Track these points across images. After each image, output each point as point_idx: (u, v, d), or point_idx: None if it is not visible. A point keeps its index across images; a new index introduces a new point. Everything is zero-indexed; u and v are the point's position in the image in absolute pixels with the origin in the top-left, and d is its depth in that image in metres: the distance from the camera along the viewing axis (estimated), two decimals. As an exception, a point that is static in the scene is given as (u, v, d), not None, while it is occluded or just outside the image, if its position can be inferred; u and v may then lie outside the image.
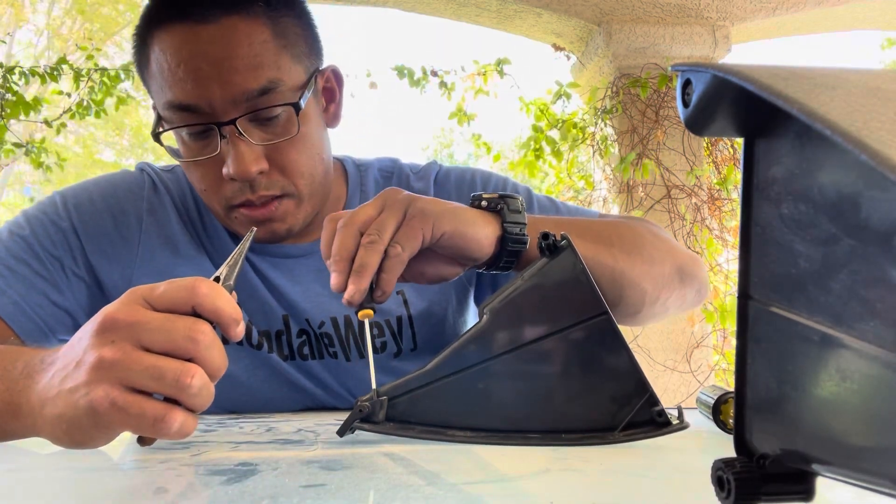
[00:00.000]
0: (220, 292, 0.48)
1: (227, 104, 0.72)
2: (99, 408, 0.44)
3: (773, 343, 0.29)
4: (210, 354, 0.46)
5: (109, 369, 0.44)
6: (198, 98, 0.72)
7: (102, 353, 0.44)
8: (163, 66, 0.73)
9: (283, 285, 0.85)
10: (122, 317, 0.46)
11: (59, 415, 0.46)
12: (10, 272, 0.76)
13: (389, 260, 0.58)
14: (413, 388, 0.54)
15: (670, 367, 2.69)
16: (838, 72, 0.25)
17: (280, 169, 0.76)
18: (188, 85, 0.71)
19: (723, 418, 0.62)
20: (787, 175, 0.28)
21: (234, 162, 0.72)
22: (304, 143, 0.77)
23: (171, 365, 0.44)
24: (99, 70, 3.20)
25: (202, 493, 0.40)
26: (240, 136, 0.72)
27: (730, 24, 2.85)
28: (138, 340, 0.45)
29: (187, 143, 0.76)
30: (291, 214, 0.78)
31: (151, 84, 0.76)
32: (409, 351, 0.87)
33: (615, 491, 0.42)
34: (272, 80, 0.73)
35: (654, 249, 0.77)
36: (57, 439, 0.49)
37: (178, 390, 0.44)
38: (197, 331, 0.45)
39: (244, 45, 0.72)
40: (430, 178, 0.93)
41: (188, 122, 0.73)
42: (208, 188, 0.77)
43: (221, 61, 0.71)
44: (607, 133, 2.89)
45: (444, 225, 0.61)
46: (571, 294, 0.56)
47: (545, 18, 2.88)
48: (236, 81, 0.71)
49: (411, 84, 3.23)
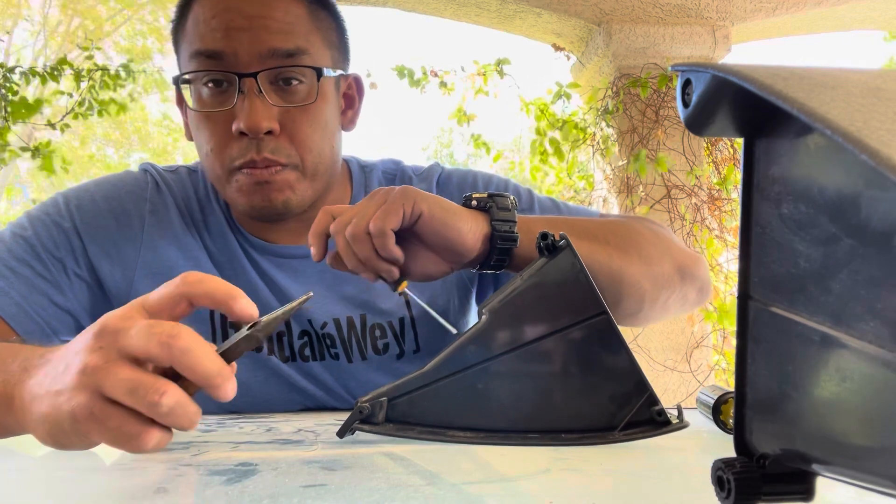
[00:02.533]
0: (209, 277, 0.45)
1: (252, 58, 0.74)
2: (79, 416, 0.42)
3: (773, 343, 0.29)
4: (188, 360, 0.41)
5: (91, 375, 0.42)
6: (225, 46, 0.73)
7: (89, 359, 0.43)
8: (198, 18, 0.75)
9: (286, 285, 0.85)
10: (111, 323, 0.44)
11: (45, 414, 0.45)
12: (12, 273, 0.76)
13: (376, 239, 0.63)
14: (412, 389, 0.54)
15: (670, 366, 2.69)
16: (838, 72, 0.25)
17: (290, 136, 0.77)
18: (218, 34, 0.74)
19: (723, 418, 0.62)
20: (787, 175, 0.28)
21: (247, 114, 0.73)
22: (317, 119, 0.78)
23: (145, 380, 0.41)
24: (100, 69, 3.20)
25: (202, 493, 0.40)
26: (258, 93, 0.74)
27: (730, 24, 2.85)
28: (122, 348, 0.43)
29: (203, 97, 0.76)
30: (290, 187, 0.78)
31: (182, 45, 0.78)
32: (411, 352, 0.87)
33: (615, 491, 0.42)
34: (301, 47, 0.75)
35: (652, 248, 0.77)
36: (42, 439, 0.47)
37: (149, 408, 0.41)
38: (171, 335, 0.41)
39: (281, 10, 0.75)
40: (432, 180, 0.93)
41: (210, 68, 0.75)
42: (215, 147, 0.77)
43: (256, 18, 0.73)
44: (608, 133, 2.89)
45: (423, 205, 0.64)
46: (570, 294, 0.56)
47: (545, 18, 2.88)
48: (266, 38, 0.74)
49: (411, 84, 3.23)
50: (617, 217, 0.86)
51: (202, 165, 0.85)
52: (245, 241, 0.86)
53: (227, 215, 0.86)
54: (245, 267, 0.84)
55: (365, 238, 0.63)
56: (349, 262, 0.65)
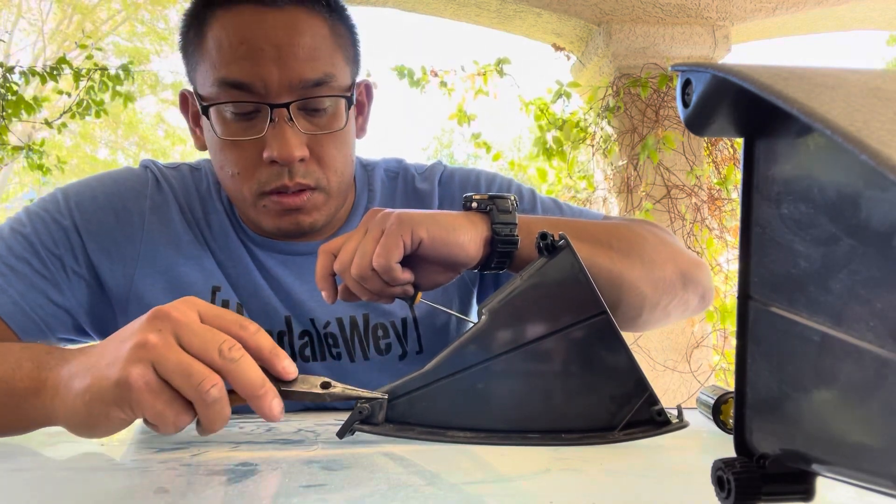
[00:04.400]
0: (263, 333, 0.51)
1: (282, 88, 0.73)
2: (134, 383, 0.46)
3: (773, 343, 0.29)
4: (237, 368, 0.47)
5: (151, 350, 0.46)
6: (254, 77, 0.73)
7: (148, 336, 0.47)
8: (222, 43, 0.73)
9: (289, 284, 0.85)
10: (174, 313, 0.48)
11: (87, 386, 0.49)
12: (10, 270, 0.76)
13: (383, 274, 0.64)
14: (412, 389, 0.54)
15: (670, 367, 2.69)
16: (838, 72, 0.25)
17: (318, 160, 0.77)
18: (247, 63, 0.73)
19: (723, 418, 0.61)
20: (787, 175, 0.28)
21: (280, 144, 0.73)
22: (343, 141, 0.79)
23: (200, 368, 0.46)
24: (99, 69, 3.20)
25: (202, 493, 0.40)
26: (288, 121, 0.74)
27: (730, 24, 2.85)
28: (179, 338, 0.47)
29: (229, 122, 0.75)
30: (318, 209, 0.79)
31: (201, 62, 0.76)
32: (414, 353, 0.87)
33: (615, 491, 0.42)
34: (328, 73, 0.75)
35: (654, 252, 0.76)
36: (71, 415, 0.50)
37: (197, 394, 0.46)
38: (229, 345, 0.47)
39: (307, 35, 0.74)
40: (434, 178, 0.93)
41: (239, 99, 0.74)
42: (242, 171, 0.77)
43: (283, 46, 0.73)
44: (608, 133, 2.89)
45: (421, 231, 0.64)
46: (570, 294, 0.56)
47: (545, 18, 2.88)
48: (295, 67, 0.73)
49: (411, 84, 3.23)
50: (620, 220, 0.86)
51: (211, 163, 0.84)
52: (248, 238, 0.85)
53: (230, 213, 0.86)
54: (247, 265, 0.84)
55: (372, 275, 0.64)
56: (362, 296, 0.67)
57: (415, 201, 0.91)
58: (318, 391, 0.51)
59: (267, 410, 0.48)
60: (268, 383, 0.48)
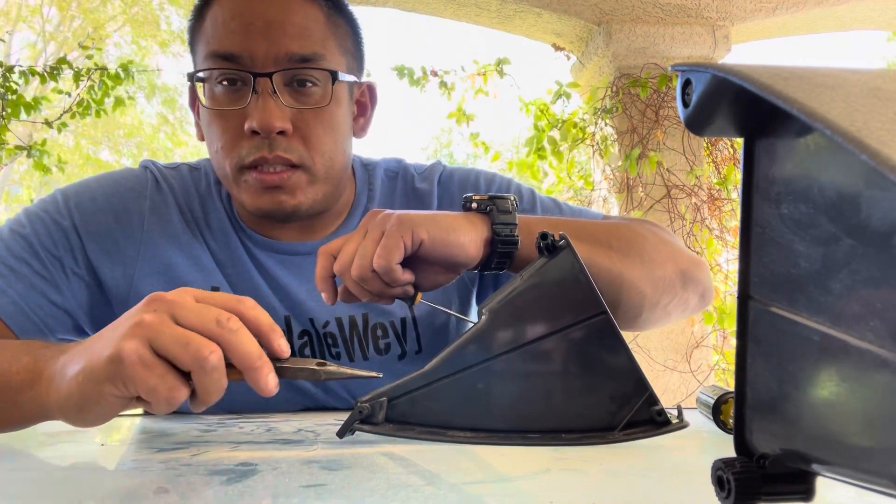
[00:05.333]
0: (261, 310, 0.51)
1: (268, 60, 0.74)
2: (126, 357, 0.46)
3: (773, 343, 0.29)
4: (236, 338, 0.48)
5: (146, 328, 0.47)
6: (241, 48, 0.74)
7: (143, 316, 0.48)
8: (217, 20, 0.76)
9: (289, 283, 0.85)
10: (167, 295, 0.50)
11: (80, 368, 0.49)
12: (10, 271, 0.76)
13: (384, 276, 0.64)
14: (412, 389, 0.54)
15: (670, 366, 2.69)
16: (838, 72, 0.25)
17: (302, 137, 0.77)
18: (237, 37, 0.74)
19: (723, 418, 0.61)
20: (787, 175, 0.28)
21: (260, 113, 0.74)
22: (330, 122, 0.79)
23: (198, 337, 0.47)
24: (99, 69, 3.20)
25: (202, 493, 0.40)
26: (272, 93, 0.74)
27: (730, 24, 2.85)
28: (176, 316, 0.48)
29: (216, 95, 0.77)
30: (301, 189, 0.78)
31: (199, 45, 0.78)
32: (413, 353, 0.87)
33: (615, 491, 0.42)
34: (316, 53, 0.76)
35: (654, 252, 0.76)
36: (65, 400, 0.50)
37: (195, 361, 0.46)
38: (225, 317, 0.48)
39: (299, 15, 0.76)
40: (434, 178, 0.93)
41: (225, 68, 0.75)
42: (225, 144, 0.77)
43: (274, 22, 0.74)
44: (607, 133, 2.89)
45: (422, 232, 0.64)
46: (570, 294, 0.56)
47: (545, 18, 2.88)
48: (283, 42, 0.74)
49: (411, 84, 3.23)
50: (620, 219, 0.86)
51: (210, 162, 0.85)
52: (247, 238, 0.85)
53: (230, 212, 0.86)
54: (246, 264, 0.84)
55: (373, 276, 0.64)
56: (362, 297, 0.67)
57: (414, 201, 0.91)
58: (313, 367, 0.52)
59: (263, 383, 0.49)
60: (265, 356, 0.49)
